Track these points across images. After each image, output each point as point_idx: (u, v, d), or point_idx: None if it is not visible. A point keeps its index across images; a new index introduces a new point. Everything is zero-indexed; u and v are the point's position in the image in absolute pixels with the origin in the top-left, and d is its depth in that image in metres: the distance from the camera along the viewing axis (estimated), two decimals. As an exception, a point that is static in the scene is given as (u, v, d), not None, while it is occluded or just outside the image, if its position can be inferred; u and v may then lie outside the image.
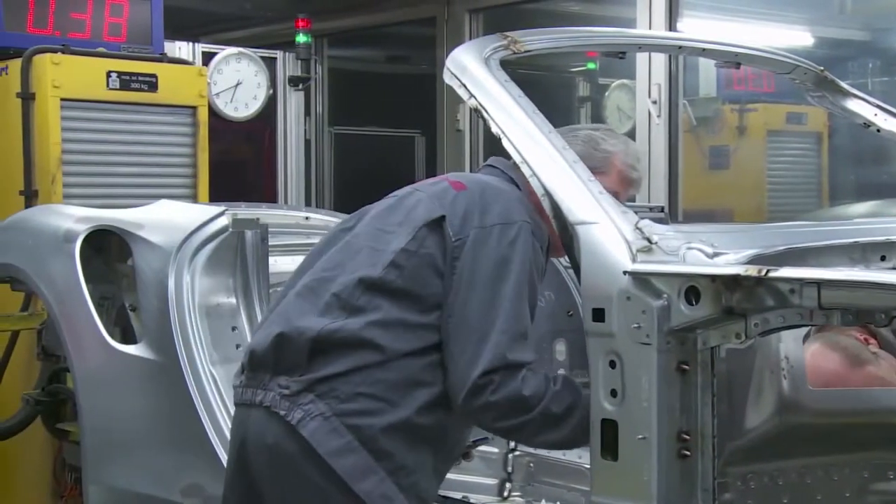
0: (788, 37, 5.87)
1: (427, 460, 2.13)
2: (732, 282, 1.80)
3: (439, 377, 2.10)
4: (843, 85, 2.95)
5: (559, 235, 2.13)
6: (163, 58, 4.88)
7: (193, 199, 4.89)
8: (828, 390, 2.18)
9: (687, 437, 1.89)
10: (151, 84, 4.73)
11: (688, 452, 1.89)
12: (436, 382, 2.10)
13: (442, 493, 2.39)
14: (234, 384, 2.28)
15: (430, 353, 2.11)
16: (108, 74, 4.61)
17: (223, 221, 3.08)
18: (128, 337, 3.27)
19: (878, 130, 2.90)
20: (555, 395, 2.06)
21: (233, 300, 3.06)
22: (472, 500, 2.77)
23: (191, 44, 5.81)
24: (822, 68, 2.92)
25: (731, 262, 1.86)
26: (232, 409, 2.83)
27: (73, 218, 3.36)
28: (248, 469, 2.19)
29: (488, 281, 2.08)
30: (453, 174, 2.35)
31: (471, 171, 6.31)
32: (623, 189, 2.30)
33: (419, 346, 2.10)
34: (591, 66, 7.00)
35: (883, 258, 1.97)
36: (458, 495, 2.72)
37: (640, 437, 1.89)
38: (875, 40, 5.64)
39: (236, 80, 5.96)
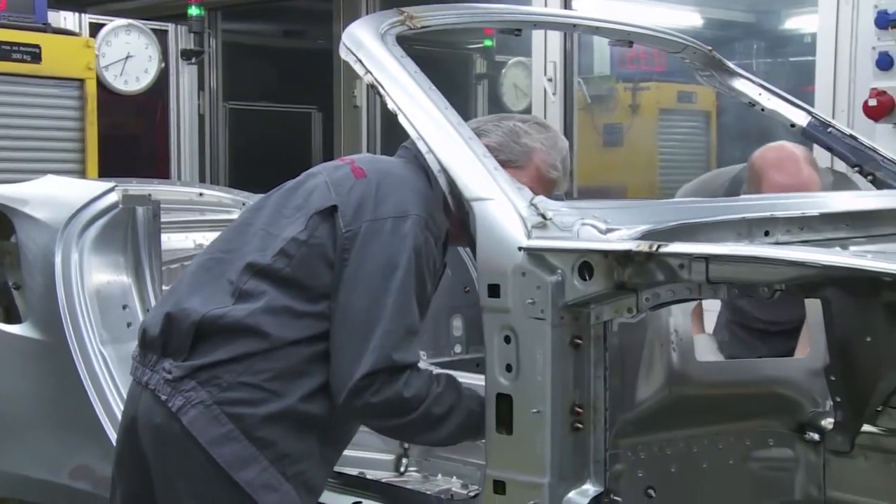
0: (678, 17, 5.99)
1: (314, 449, 2.11)
2: (624, 257, 1.83)
3: (325, 367, 2.07)
4: (730, 65, 3.03)
5: (455, 212, 2.12)
6: (46, 28, 4.73)
7: (82, 174, 4.76)
8: (713, 362, 2.25)
9: (580, 410, 1.92)
10: (34, 55, 4.57)
11: (581, 425, 1.92)
12: (321, 372, 2.07)
13: (337, 469, 2.39)
14: (132, 356, 2.25)
15: (317, 342, 2.07)
16: (-13, 44, 4.44)
17: (113, 198, 3.00)
18: (11, 316, 3.17)
19: (763, 109, 2.98)
20: (437, 397, 2.05)
21: (124, 278, 2.99)
22: (368, 476, 2.78)
23: (77, 14, 5.63)
24: (710, 48, 2.99)
25: (623, 238, 1.89)
26: (123, 390, 2.78)
27: (-49, 193, 3.22)
28: (137, 444, 2.16)
29: (375, 276, 2.04)
30: (361, 157, 2.28)
31: (368, 147, 6.29)
32: (540, 188, 2.16)
33: (305, 334, 2.06)
34: (487, 43, 7.03)
35: (767, 233, 2.03)
36: (354, 471, 2.71)
37: (534, 410, 1.92)
38: (760, 22, 5.81)
39: (126, 53, 5.81)
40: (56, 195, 3.11)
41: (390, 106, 2.21)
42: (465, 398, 2.11)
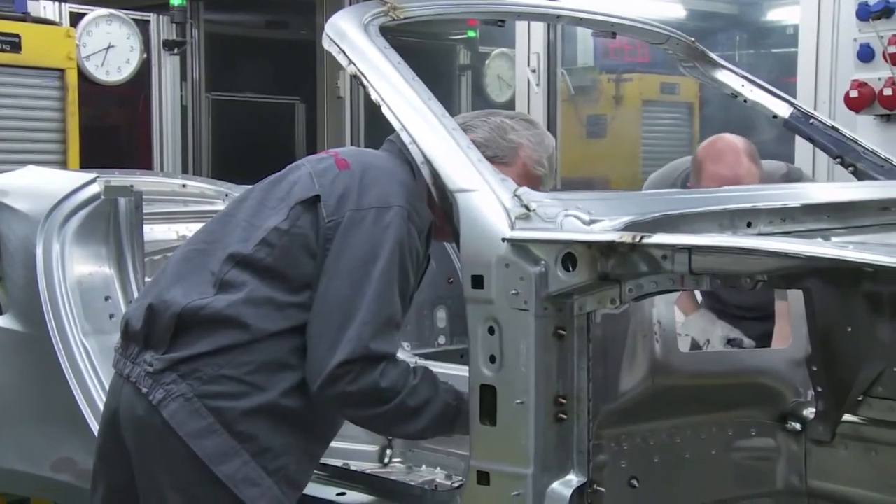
0: (662, 9, 6.00)
1: (297, 443, 2.10)
2: (608, 248, 1.84)
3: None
4: (713, 56, 3.04)
5: (439, 204, 2.12)
6: (26, 17, 4.69)
7: (63, 165, 4.74)
8: (695, 353, 2.26)
9: (563, 401, 1.93)
10: (14, 44, 4.54)
11: (564, 416, 1.93)
12: (303, 365, 2.05)
13: (321, 460, 2.38)
14: (115, 347, 2.24)
15: (299, 334, 2.06)
16: (-34, 34, 4.41)
17: (95, 188, 2.98)
18: (-7, 308, 3.15)
19: (745, 101, 3.00)
20: (413, 389, 2.05)
21: (106, 269, 2.98)
22: (352, 468, 2.77)
23: (57, 3, 5.59)
24: (692, 39, 3.00)
25: (606, 229, 1.89)
26: (105, 382, 2.77)
27: (-69, 185, 3.19)
28: (119, 437, 2.15)
29: (355, 266, 2.03)
30: (346, 150, 2.27)
31: (351, 138, 6.28)
32: (527, 184, 2.08)
33: (286, 326, 2.05)
34: (471, 34, 7.02)
35: (749, 224, 2.03)
36: (338, 462, 2.71)
37: (518, 401, 1.92)
38: (742, 14, 5.82)
39: (107, 43, 5.78)
40: (37, 186, 3.09)
41: (374, 97, 2.21)
42: (442, 392, 2.11)
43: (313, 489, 2.36)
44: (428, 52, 6.89)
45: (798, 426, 2.20)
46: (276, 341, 2.06)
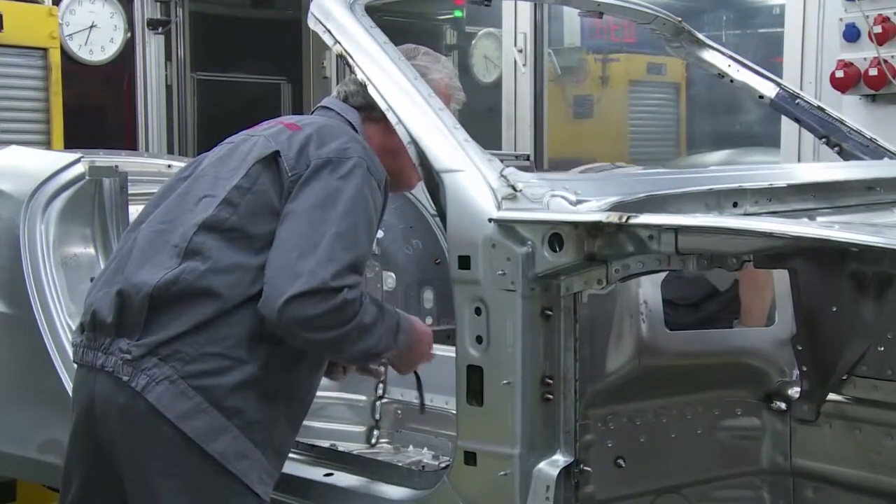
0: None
1: (280, 413, 2.11)
2: (594, 228, 1.84)
3: None
4: (700, 36, 3.04)
5: (425, 183, 2.12)
6: (8, -4, 4.65)
7: (47, 145, 4.71)
8: (682, 333, 2.27)
9: (550, 381, 1.93)
10: (-5, 23, 4.50)
11: (551, 396, 1.93)
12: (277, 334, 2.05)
13: (309, 441, 2.39)
14: (73, 342, 2.20)
15: None
16: (-53, 12, 4.37)
17: (79, 169, 2.97)
18: (-23, 290, 3.13)
19: (731, 81, 3.00)
20: (365, 307, 2.04)
21: (91, 250, 2.97)
22: (340, 449, 2.78)
23: (40, -18, 5.53)
24: (679, 19, 3.00)
25: (593, 210, 1.89)
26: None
27: (-87, 165, 3.17)
28: (97, 431, 2.12)
29: (314, 208, 2.03)
30: (289, 117, 2.31)
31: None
32: (449, 106, 2.25)
33: (258, 289, 2.04)
34: (457, 13, 7.00)
35: (735, 205, 2.04)
36: (325, 444, 2.72)
37: (504, 382, 1.93)
38: (729, -6, 5.82)
39: (91, 22, 5.74)
40: (21, 166, 3.07)
41: (360, 77, 2.20)
42: (385, 307, 2.12)
43: (301, 470, 2.37)
44: (414, 32, 6.86)
45: (783, 405, 2.21)
46: (250, 309, 2.04)
